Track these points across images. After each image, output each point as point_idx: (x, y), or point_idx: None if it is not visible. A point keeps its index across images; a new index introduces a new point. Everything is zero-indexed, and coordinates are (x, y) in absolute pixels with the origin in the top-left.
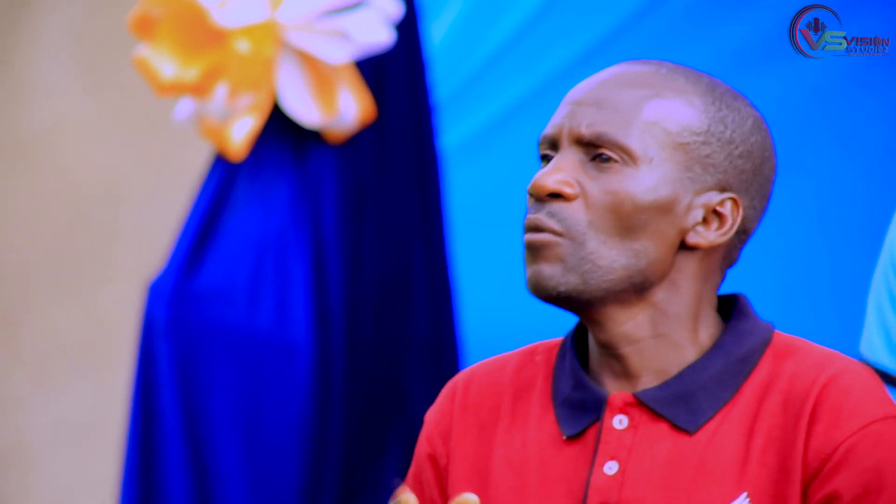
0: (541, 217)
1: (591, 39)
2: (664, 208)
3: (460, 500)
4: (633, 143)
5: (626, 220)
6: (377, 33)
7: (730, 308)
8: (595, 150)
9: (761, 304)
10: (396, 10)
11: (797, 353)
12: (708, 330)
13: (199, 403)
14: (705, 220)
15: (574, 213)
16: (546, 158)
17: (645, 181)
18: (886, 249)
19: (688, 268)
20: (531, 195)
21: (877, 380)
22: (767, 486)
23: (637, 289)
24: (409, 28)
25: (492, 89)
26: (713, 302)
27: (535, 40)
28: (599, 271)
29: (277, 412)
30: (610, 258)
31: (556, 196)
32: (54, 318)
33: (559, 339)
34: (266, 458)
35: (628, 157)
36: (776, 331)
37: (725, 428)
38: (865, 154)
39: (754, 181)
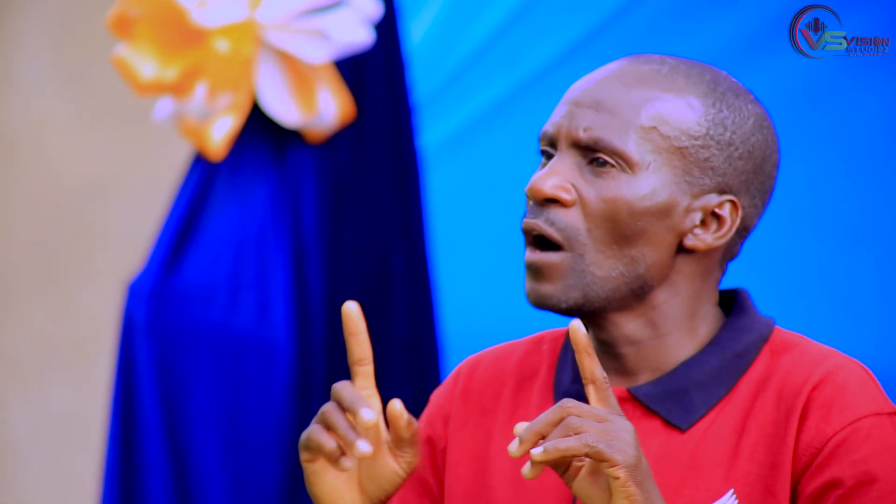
0: (540, 224)
1: (572, 38)
2: (661, 213)
3: (390, 408)
4: (631, 148)
5: (623, 228)
6: (356, 33)
7: (731, 303)
8: (592, 154)
9: (758, 304)
10: (376, 9)
11: (794, 349)
12: (707, 326)
13: (179, 403)
14: (703, 223)
15: (573, 220)
16: (546, 154)
17: (642, 187)
18: None
19: (687, 268)
20: (528, 197)
21: (871, 378)
22: (756, 482)
23: (636, 294)
24: (388, 27)
25: (471, 88)
26: (713, 297)
27: (515, 39)
28: (599, 282)
29: (258, 412)
30: (608, 266)
31: (552, 200)
32: (35, 318)
33: (567, 328)
34: (246, 457)
35: (625, 162)
36: (776, 326)
37: (718, 424)
38: (864, 154)
39: (755, 180)
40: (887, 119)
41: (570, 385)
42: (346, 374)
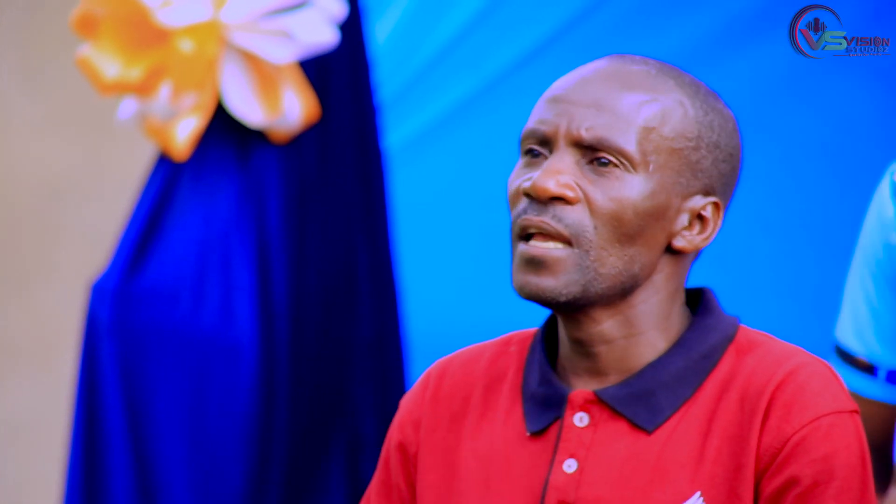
0: (547, 221)
1: (537, 38)
2: (659, 214)
3: None
4: (634, 148)
5: (626, 227)
6: (321, 33)
7: (697, 301)
8: (594, 154)
9: (745, 302)
10: (340, 9)
11: (758, 349)
12: (676, 326)
13: (143, 404)
14: (689, 224)
15: (579, 217)
16: (531, 153)
17: (644, 188)
18: (861, 244)
19: (667, 269)
20: (528, 196)
21: (834, 376)
22: (722, 484)
23: (624, 292)
24: (353, 28)
25: (436, 89)
26: (683, 297)
27: (480, 40)
28: (599, 279)
29: (222, 412)
30: (609, 265)
31: (556, 198)
32: None
33: (535, 329)
34: (210, 458)
35: (629, 162)
36: (741, 325)
37: (684, 426)
38: (863, 154)
39: (731, 182)
40: (887, 119)
41: (537, 388)
42: (310, 373)
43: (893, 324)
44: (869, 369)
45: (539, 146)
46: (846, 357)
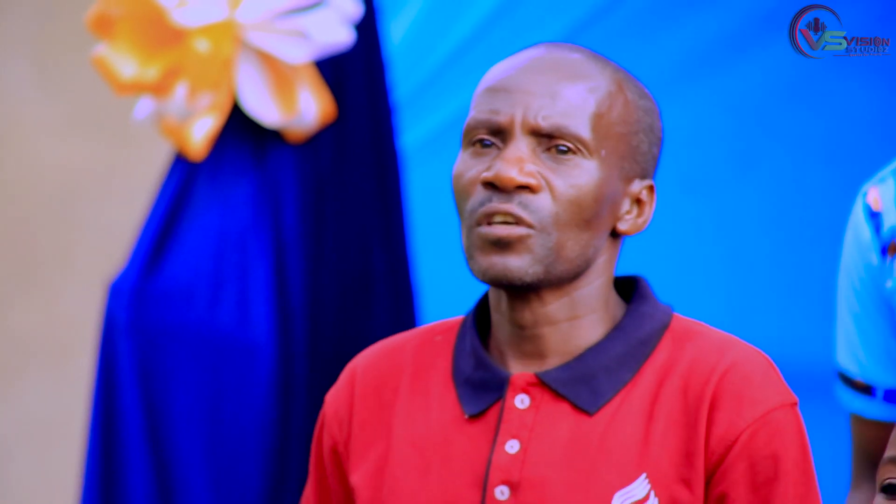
0: (514, 208)
1: (551, 38)
2: (610, 198)
3: None
4: (588, 135)
5: (586, 213)
6: (337, 33)
7: (630, 290)
8: (551, 142)
9: (746, 301)
10: (356, 9)
11: (696, 337)
12: (612, 311)
13: (160, 403)
14: (629, 208)
15: (543, 205)
16: (481, 143)
17: (600, 174)
18: (843, 265)
19: (607, 253)
20: (490, 186)
21: (772, 365)
22: (668, 469)
23: (576, 275)
24: (368, 27)
25: (451, 89)
26: (612, 283)
27: (495, 40)
28: (560, 261)
29: (239, 412)
30: (568, 248)
31: (520, 187)
32: (15, 318)
33: (458, 318)
34: (228, 458)
35: (586, 149)
36: (675, 314)
37: (625, 409)
38: (863, 154)
39: (656, 166)
40: (887, 119)
41: (473, 372)
42: (326, 372)
43: (883, 343)
44: (867, 390)
45: (491, 136)
46: (846, 380)
